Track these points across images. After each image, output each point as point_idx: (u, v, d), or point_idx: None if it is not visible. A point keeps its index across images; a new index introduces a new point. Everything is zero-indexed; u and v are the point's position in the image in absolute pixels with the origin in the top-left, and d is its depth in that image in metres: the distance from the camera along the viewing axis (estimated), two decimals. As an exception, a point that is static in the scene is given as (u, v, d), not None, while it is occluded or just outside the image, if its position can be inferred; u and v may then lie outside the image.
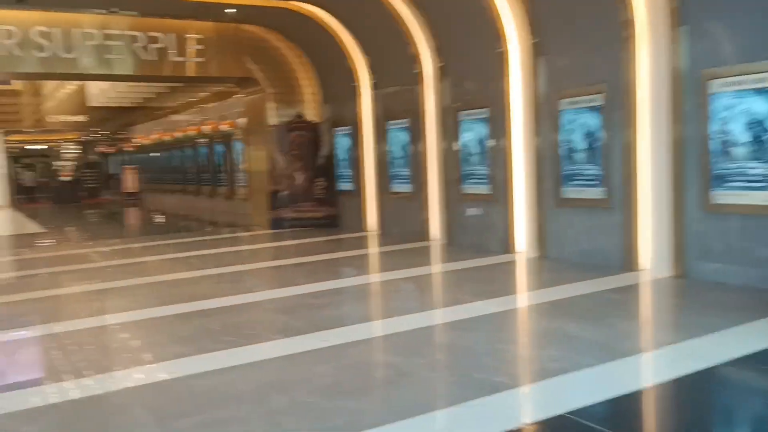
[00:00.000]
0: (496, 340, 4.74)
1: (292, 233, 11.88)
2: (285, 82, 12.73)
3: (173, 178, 21.94)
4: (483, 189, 8.83)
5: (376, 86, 11.01)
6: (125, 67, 11.32)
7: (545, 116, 7.93)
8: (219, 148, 17.91)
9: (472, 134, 8.96)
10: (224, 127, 17.17)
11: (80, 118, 27.25)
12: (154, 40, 11.42)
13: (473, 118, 8.90)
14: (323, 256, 9.08)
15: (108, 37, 11.06)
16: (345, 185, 12.15)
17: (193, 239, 12.36)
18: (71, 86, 26.68)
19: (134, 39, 11.26)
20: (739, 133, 5.85)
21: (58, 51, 10.69)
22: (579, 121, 7.44)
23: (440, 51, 9.41)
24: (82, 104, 25.83)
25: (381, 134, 10.93)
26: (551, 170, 7.88)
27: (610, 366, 3.94)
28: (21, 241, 14.13)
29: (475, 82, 8.91)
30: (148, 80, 14.50)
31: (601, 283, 6.35)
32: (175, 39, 11.58)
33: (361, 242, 10.72)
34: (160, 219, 18.83)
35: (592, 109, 7.26)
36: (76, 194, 27.83)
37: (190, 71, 11.82)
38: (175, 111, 22.15)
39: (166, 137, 21.81)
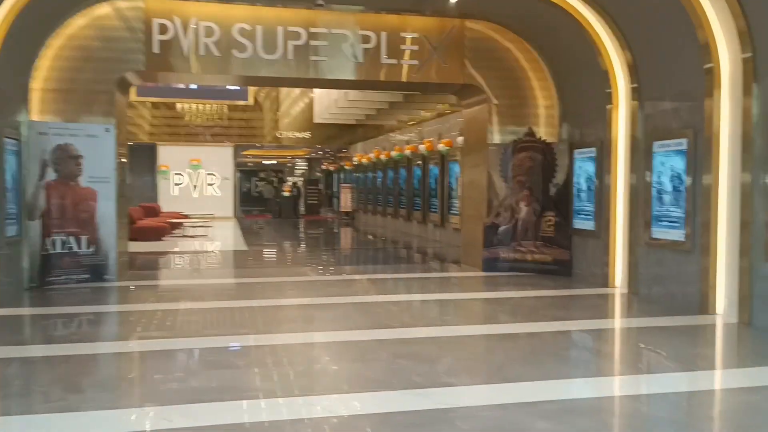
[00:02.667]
0: None
1: (509, 280, 9.39)
2: (514, 91, 10.34)
3: (386, 200, 20.67)
4: (819, 249, 5.60)
5: (638, 93, 8.14)
6: (332, 71, 9.78)
7: None
8: (434, 169, 16.07)
9: (801, 162, 5.78)
10: (441, 146, 15.27)
11: (306, 134, 27.48)
12: (366, 39, 9.74)
13: (806, 137, 5.73)
14: (550, 326, 6.46)
15: (313, 36, 9.61)
16: (583, 223, 9.38)
17: (397, 276, 10.45)
18: (302, 102, 27.05)
19: (343, 38, 9.69)
20: None
21: (260, 51, 9.45)
22: None
23: (747, 36, 6.35)
24: (309, 121, 25.97)
25: (641, 159, 8.03)
26: None
27: None
28: (231, 259, 13.40)
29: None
30: (356, 86, 12.98)
31: None
32: (388, 39, 9.80)
33: (603, 305, 7.90)
34: (367, 245, 17.43)
35: None
36: (296, 210, 28.06)
37: (404, 76, 9.96)
38: (393, 129, 20.91)
39: (382, 156, 20.62)
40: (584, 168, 9.32)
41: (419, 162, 17.20)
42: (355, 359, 5.22)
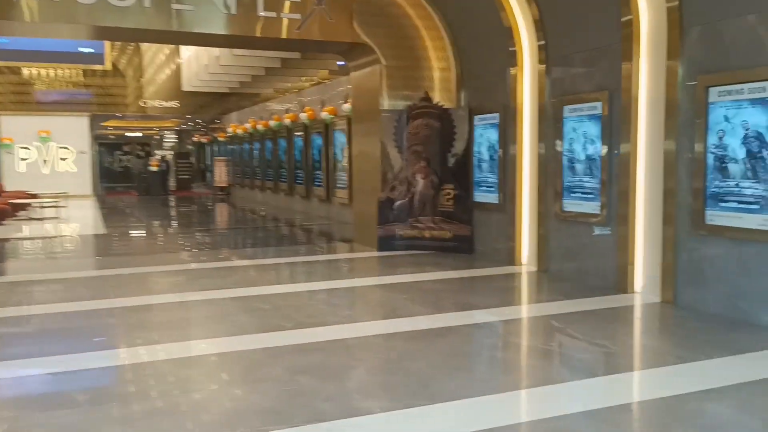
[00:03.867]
0: None
1: (408, 259, 8.54)
2: (407, 52, 9.41)
3: (265, 173, 19.27)
4: (754, 219, 5.12)
5: (545, 52, 7.43)
6: (199, 23, 8.35)
7: None
8: (317, 140, 14.92)
9: (740, 126, 5.25)
10: (325, 114, 14.13)
11: (174, 104, 25.34)
12: (239, -12, 8.39)
13: (754, 97, 5.19)
14: (462, 317, 5.64)
15: (176, -19, 8.12)
16: (485, 196, 8.66)
17: (282, 260, 9.28)
18: (168, 69, 24.80)
19: (211, -14, 8.27)
20: None
21: (109, -3, 7.85)
22: None
23: (675, -11, 5.74)
24: (177, 89, 23.86)
25: (550, 125, 7.37)
26: None
27: None
28: (85, 246, 11.59)
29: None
30: (228, 43, 11.36)
31: None
32: (266, -12, 8.51)
33: (514, 287, 7.21)
34: (246, 224, 16.05)
35: None
36: (165, 186, 25.86)
37: (284, 32, 8.72)
38: (271, 97, 19.47)
39: (259, 126, 19.13)
40: (486, 136, 8.58)
41: (300, 132, 15.96)
42: (240, 379, 4.09)
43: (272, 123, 17.83)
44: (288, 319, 5.51)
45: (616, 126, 6.43)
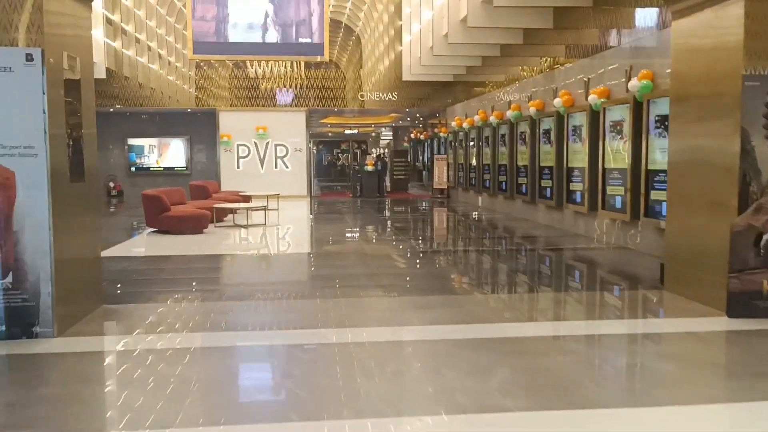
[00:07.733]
0: None
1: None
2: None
3: (497, 174, 15.96)
4: None
5: None
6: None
7: None
8: (575, 132, 11.24)
9: None
10: (592, 98, 10.41)
11: (392, 96, 23.07)
12: None
13: None
14: None
15: None
16: None
17: (535, 331, 5.91)
18: (387, 59, 22.65)
19: None
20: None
21: None
22: None
23: None
24: (396, 80, 21.53)
25: None
26: None
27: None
28: (288, 273, 9.25)
29: None
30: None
31: None
32: None
33: None
34: (481, 242, 12.87)
35: None
36: (381, 187, 23.66)
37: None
38: (504, 83, 16.08)
39: (492, 119, 15.86)
40: None
41: (547, 125, 12.40)
42: None
43: (509, 113, 14.46)
44: None
45: None
